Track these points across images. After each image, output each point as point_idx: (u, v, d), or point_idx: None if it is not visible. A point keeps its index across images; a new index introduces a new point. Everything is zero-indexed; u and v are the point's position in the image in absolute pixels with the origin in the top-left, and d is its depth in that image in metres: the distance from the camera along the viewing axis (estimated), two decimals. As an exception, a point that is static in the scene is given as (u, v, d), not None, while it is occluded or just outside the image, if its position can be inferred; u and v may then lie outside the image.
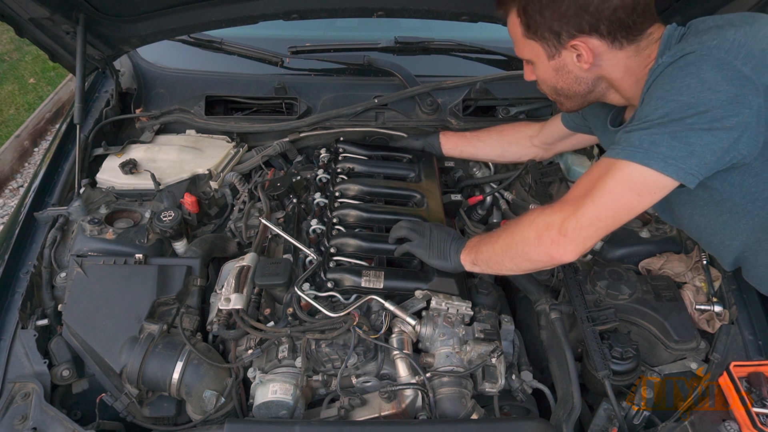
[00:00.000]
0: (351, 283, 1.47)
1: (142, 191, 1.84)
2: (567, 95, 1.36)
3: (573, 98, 1.36)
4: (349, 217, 1.67)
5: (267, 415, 1.34)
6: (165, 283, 1.51)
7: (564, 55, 1.25)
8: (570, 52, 1.24)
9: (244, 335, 1.46)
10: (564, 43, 1.23)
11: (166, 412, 1.43)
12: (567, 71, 1.29)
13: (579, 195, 1.19)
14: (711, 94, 1.05)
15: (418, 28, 2.53)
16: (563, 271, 1.53)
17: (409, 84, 2.12)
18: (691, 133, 1.06)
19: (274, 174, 2.00)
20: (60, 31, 1.80)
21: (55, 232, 1.64)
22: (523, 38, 1.29)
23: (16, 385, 1.33)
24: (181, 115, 2.11)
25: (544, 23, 1.21)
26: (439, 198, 1.78)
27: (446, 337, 1.40)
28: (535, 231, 1.24)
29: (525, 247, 1.26)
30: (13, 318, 1.45)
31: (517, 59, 2.33)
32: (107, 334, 1.39)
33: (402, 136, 2.06)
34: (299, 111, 2.09)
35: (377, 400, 1.35)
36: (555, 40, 1.23)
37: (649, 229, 1.66)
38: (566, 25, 1.19)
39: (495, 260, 1.35)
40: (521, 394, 1.39)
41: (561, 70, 1.29)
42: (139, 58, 2.27)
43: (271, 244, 1.74)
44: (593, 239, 1.20)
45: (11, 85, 5.24)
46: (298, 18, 1.86)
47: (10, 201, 4.11)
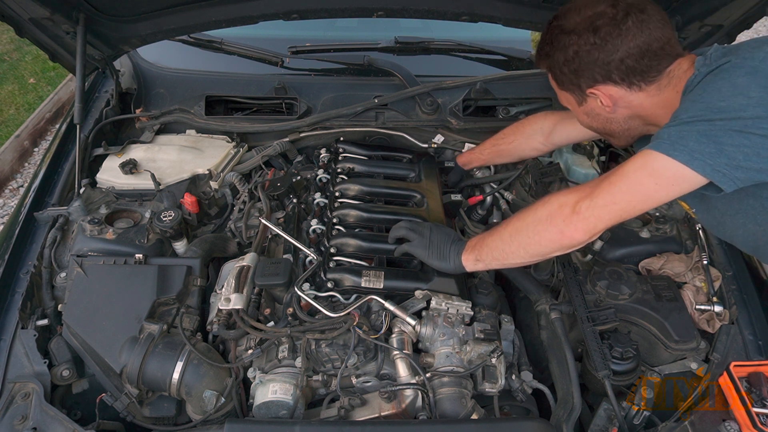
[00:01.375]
0: (351, 283, 1.47)
1: (142, 191, 1.84)
2: (607, 134, 1.46)
3: (615, 136, 1.45)
4: (349, 217, 1.67)
5: (267, 415, 1.34)
6: (165, 283, 1.50)
7: (589, 102, 1.36)
8: (593, 98, 1.34)
9: (244, 335, 1.46)
10: (585, 92, 1.33)
11: (166, 412, 1.43)
12: (596, 114, 1.39)
13: (599, 180, 1.22)
14: (743, 99, 1.05)
15: (418, 28, 2.53)
16: (563, 271, 1.53)
17: (409, 84, 2.12)
18: (720, 132, 1.06)
19: (274, 174, 2.00)
20: (60, 31, 1.80)
21: (55, 232, 1.64)
22: (558, 89, 1.42)
23: (16, 385, 1.33)
24: (181, 115, 2.11)
25: (565, 78, 1.34)
26: (439, 198, 1.78)
27: (446, 337, 1.40)
28: (548, 210, 1.26)
29: (537, 226, 1.27)
30: (13, 318, 1.45)
31: (517, 59, 2.38)
32: (107, 334, 1.39)
33: (402, 136, 2.06)
34: (299, 111, 2.09)
35: (377, 400, 1.35)
36: (577, 90, 1.34)
37: (649, 229, 1.66)
38: (582, 78, 1.30)
39: (502, 248, 1.35)
40: (521, 394, 1.39)
41: (591, 114, 1.40)
42: (139, 58, 2.27)
43: (271, 244, 1.74)
44: (605, 222, 1.20)
45: (11, 85, 5.24)
46: (298, 18, 1.86)
47: (10, 201, 4.11)
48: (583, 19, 1.25)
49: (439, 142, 2.08)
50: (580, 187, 1.26)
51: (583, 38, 1.25)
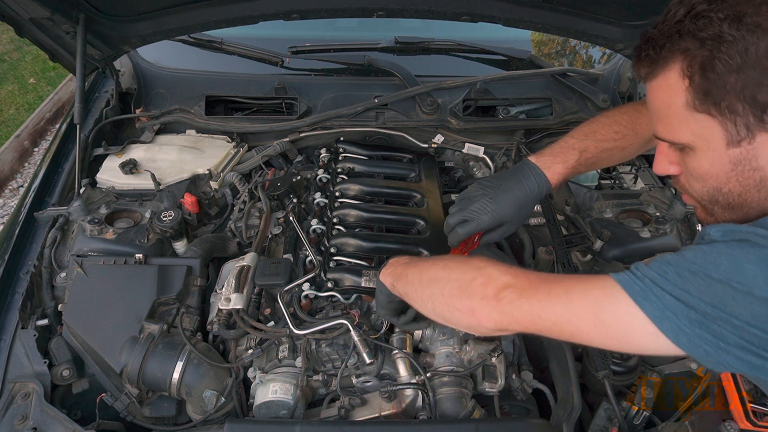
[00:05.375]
0: (351, 282, 1.47)
1: (142, 191, 1.84)
2: (731, 204, 0.89)
3: (735, 209, 0.89)
4: (350, 217, 1.67)
5: (267, 414, 1.34)
6: (165, 283, 1.50)
7: (759, 142, 0.81)
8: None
9: (244, 335, 1.46)
10: (763, 124, 0.79)
11: (166, 412, 1.43)
12: (753, 167, 0.83)
13: (546, 279, 0.99)
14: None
15: (418, 28, 2.53)
16: (563, 271, 1.52)
17: (409, 84, 2.12)
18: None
19: (274, 174, 2.00)
20: (60, 31, 1.80)
21: (55, 232, 1.64)
22: (687, 110, 0.84)
23: (16, 385, 1.33)
24: (181, 115, 2.11)
25: (740, 90, 0.78)
26: (439, 198, 1.78)
27: (446, 336, 1.40)
28: (474, 277, 1.03)
29: (454, 287, 1.04)
30: (13, 318, 1.45)
31: (518, 59, 2.37)
32: (107, 334, 1.39)
33: (402, 136, 2.06)
34: (299, 111, 2.09)
35: (377, 400, 1.35)
36: (751, 116, 0.79)
37: (649, 229, 1.66)
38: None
39: (414, 290, 1.14)
40: (521, 394, 1.39)
41: (744, 164, 0.83)
42: (139, 58, 2.27)
43: (271, 244, 1.74)
44: (521, 327, 0.98)
45: (11, 85, 5.24)
46: (298, 18, 1.85)
47: (10, 201, 4.11)
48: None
49: (439, 142, 2.08)
50: (522, 273, 1.01)
51: None
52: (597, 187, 1.94)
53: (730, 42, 0.76)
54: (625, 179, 1.94)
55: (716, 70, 0.78)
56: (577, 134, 1.34)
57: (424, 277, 1.12)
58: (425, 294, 1.10)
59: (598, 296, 0.88)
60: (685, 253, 0.83)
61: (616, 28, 1.89)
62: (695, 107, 0.83)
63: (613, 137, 1.31)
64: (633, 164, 1.95)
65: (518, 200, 1.26)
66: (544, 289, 0.95)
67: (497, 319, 0.98)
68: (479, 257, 1.09)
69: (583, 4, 1.82)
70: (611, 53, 2.35)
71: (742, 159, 0.83)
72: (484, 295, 1.00)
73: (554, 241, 1.60)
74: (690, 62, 0.81)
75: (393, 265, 1.21)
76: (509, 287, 0.98)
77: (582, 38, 2.13)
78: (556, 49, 2.78)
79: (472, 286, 1.02)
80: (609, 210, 1.75)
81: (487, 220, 1.26)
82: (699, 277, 0.79)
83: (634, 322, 0.83)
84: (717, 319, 0.77)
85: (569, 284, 0.93)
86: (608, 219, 1.72)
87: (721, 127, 0.82)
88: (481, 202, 1.26)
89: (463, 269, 1.06)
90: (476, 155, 2.09)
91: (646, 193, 1.81)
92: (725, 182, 0.87)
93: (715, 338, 0.77)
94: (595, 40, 2.02)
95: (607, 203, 1.77)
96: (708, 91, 0.80)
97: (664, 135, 0.91)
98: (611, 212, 1.74)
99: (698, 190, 0.92)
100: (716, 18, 0.78)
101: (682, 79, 0.83)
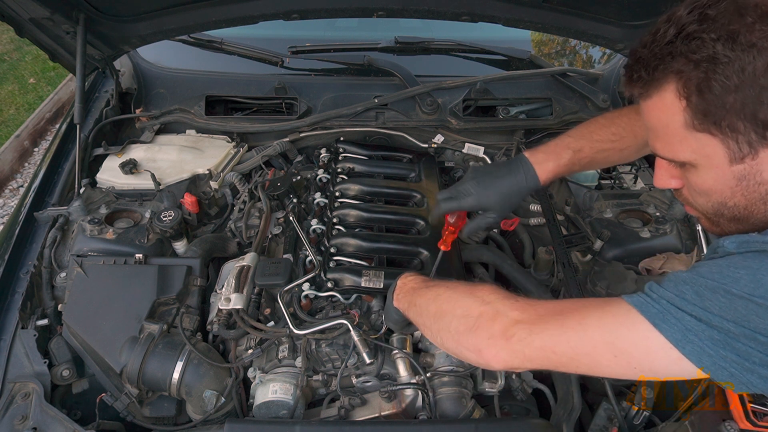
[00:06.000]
0: (351, 282, 1.47)
1: (142, 191, 1.84)
2: (737, 217, 0.88)
3: (741, 221, 0.88)
4: (350, 217, 1.67)
5: (267, 414, 1.34)
6: (165, 283, 1.50)
7: (763, 157, 0.80)
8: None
9: (244, 335, 1.46)
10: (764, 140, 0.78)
11: (166, 412, 1.43)
12: (758, 182, 0.82)
13: (556, 309, 0.94)
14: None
15: (418, 28, 2.53)
16: (563, 271, 1.52)
17: (409, 84, 2.12)
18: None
19: (274, 174, 2.00)
20: (60, 31, 1.80)
21: (55, 232, 1.64)
22: (686, 130, 0.83)
23: (16, 385, 1.33)
24: (181, 115, 2.11)
25: (740, 109, 0.77)
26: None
27: (446, 337, 1.40)
28: (482, 312, 0.99)
29: (461, 323, 1.02)
30: (13, 318, 1.45)
31: (518, 59, 2.37)
32: (107, 334, 1.39)
33: (402, 136, 2.06)
34: (299, 111, 2.09)
35: (377, 400, 1.35)
36: (753, 134, 0.78)
37: (649, 229, 1.66)
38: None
39: (424, 321, 1.13)
40: (521, 394, 1.39)
41: (748, 179, 0.83)
42: (139, 58, 2.27)
43: (271, 244, 1.74)
44: (534, 364, 0.94)
45: (11, 85, 5.24)
46: (298, 18, 1.85)
47: (10, 201, 4.11)
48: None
49: (439, 142, 2.08)
50: (530, 305, 0.97)
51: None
52: (597, 187, 1.95)
53: (726, 63, 0.75)
54: (625, 179, 1.95)
55: (714, 91, 0.77)
56: (574, 134, 1.34)
57: (431, 310, 1.11)
58: (434, 328, 1.09)
59: (614, 323, 0.85)
60: (701, 270, 0.81)
61: (616, 28, 1.89)
62: (695, 127, 0.81)
63: (611, 138, 1.31)
64: (633, 164, 1.95)
65: (503, 189, 1.29)
66: (556, 323, 0.90)
67: (506, 359, 0.95)
68: (486, 287, 1.07)
69: (583, 4, 1.82)
70: (611, 53, 2.36)
71: (746, 174, 0.82)
72: (491, 334, 0.96)
73: (554, 241, 1.61)
74: (685, 83, 0.79)
75: (402, 289, 1.23)
76: (518, 323, 0.94)
77: (582, 38, 2.13)
78: (556, 49, 2.78)
79: (478, 323, 0.99)
80: (609, 210, 1.75)
81: (470, 201, 1.30)
82: (719, 294, 0.77)
83: (655, 348, 0.81)
84: (741, 337, 0.74)
85: (583, 314, 0.89)
86: (608, 219, 1.72)
87: (723, 145, 0.81)
88: (468, 183, 1.31)
89: (469, 303, 1.03)
90: (476, 155, 2.10)
91: (646, 193, 1.81)
92: (730, 197, 0.86)
93: (740, 358, 0.75)
94: (595, 40, 2.02)
95: (607, 203, 1.77)
96: (707, 111, 0.79)
97: (664, 153, 0.90)
98: (611, 212, 1.74)
99: (702, 203, 0.91)
100: (709, 39, 0.76)
101: (679, 100, 0.81)
